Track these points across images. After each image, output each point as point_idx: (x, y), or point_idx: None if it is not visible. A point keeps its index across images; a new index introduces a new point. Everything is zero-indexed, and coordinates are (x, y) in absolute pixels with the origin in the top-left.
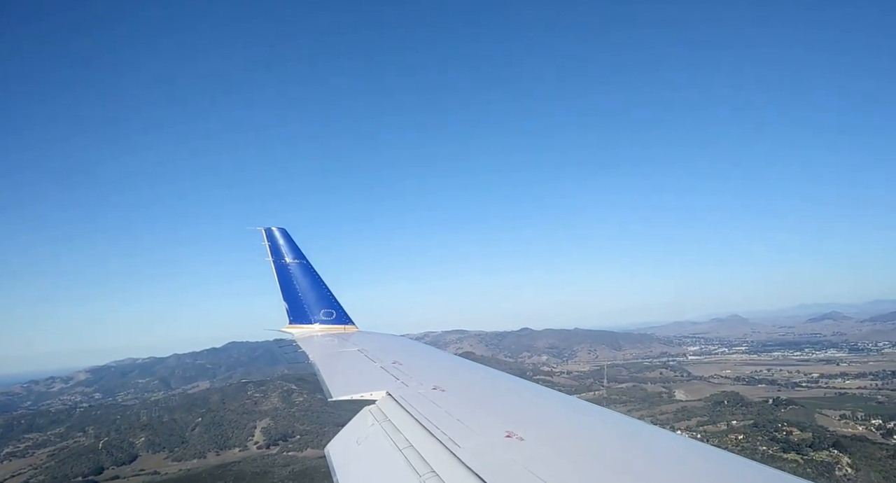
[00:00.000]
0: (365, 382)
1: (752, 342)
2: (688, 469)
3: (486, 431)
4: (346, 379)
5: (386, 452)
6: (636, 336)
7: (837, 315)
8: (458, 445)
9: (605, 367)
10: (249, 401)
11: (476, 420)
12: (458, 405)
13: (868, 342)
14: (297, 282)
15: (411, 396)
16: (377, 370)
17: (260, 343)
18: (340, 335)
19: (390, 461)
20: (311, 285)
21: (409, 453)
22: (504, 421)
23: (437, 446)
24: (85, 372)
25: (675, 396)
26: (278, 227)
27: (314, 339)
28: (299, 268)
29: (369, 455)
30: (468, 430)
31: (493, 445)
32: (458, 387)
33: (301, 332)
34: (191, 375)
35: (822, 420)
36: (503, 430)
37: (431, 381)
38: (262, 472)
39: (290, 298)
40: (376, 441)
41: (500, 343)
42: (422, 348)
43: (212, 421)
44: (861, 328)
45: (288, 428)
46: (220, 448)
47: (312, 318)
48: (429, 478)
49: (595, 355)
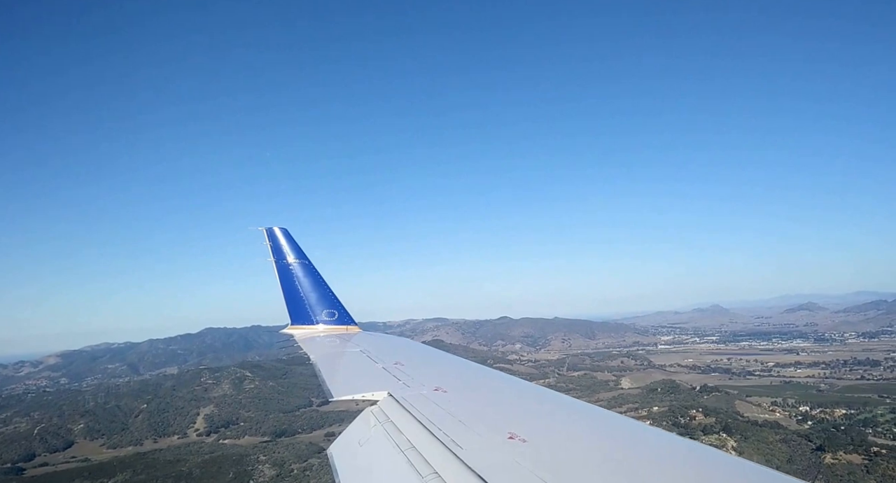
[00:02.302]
0: (366, 383)
1: (725, 332)
2: (688, 471)
3: (489, 432)
4: (348, 379)
5: (388, 453)
6: (612, 325)
7: (813, 306)
8: (460, 446)
9: (567, 356)
10: (200, 387)
11: (478, 421)
12: (461, 406)
13: (835, 333)
14: (298, 282)
15: (413, 397)
16: (379, 371)
17: (235, 329)
18: (342, 336)
19: (392, 462)
20: (313, 286)
21: (411, 454)
22: (506, 422)
23: (439, 447)
24: (56, 356)
25: (621, 385)
26: (280, 227)
27: (316, 339)
28: (301, 268)
29: (371, 456)
30: (470, 432)
31: (495, 447)
32: (461, 388)
33: (303, 332)
34: (160, 361)
35: (741, 407)
36: (506, 431)
37: (433, 382)
38: (176, 461)
39: (292, 299)
40: (378, 442)
41: (478, 331)
42: (424, 349)
43: (157, 408)
44: (834, 319)
45: (232, 415)
46: (158, 435)
47: (314, 318)
48: (431, 479)
49: (568, 344)
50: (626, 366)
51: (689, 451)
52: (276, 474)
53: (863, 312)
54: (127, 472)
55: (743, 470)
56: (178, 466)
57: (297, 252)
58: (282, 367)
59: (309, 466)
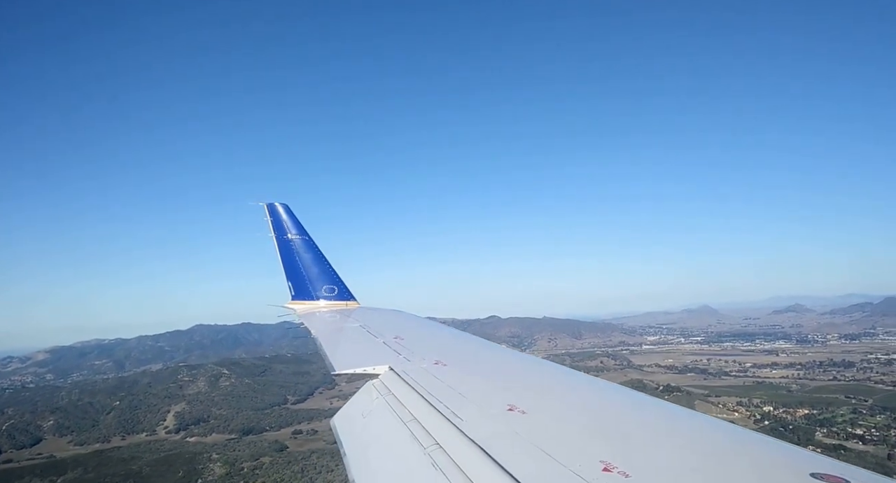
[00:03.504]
0: (368, 357)
1: (711, 333)
2: (687, 439)
3: (489, 405)
4: (349, 354)
5: (390, 425)
6: (600, 325)
7: (800, 308)
8: (460, 418)
9: (549, 356)
10: (175, 385)
11: (478, 394)
12: (460, 379)
13: (818, 334)
14: (299, 257)
15: (414, 371)
16: (379, 345)
17: (225, 326)
18: (343, 311)
19: (395, 434)
20: (314, 261)
21: (413, 426)
22: (506, 394)
23: (440, 419)
24: (44, 352)
25: None
26: (281, 203)
27: (317, 314)
28: (302, 243)
29: (374, 428)
30: (470, 404)
31: (495, 418)
32: (460, 361)
33: (304, 307)
34: (147, 358)
35: (702, 406)
36: (505, 403)
37: (433, 355)
38: (130, 459)
39: (293, 274)
40: (381, 414)
41: (465, 331)
42: (424, 323)
43: (129, 405)
44: (820, 320)
45: (204, 412)
46: (127, 432)
47: (315, 294)
48: (433, 450)
49: (555, 344)
50: (605, 365)
51: (688, 420)
52: (225, 473)
53: (849, 314)
54: (78, 469)
55: (740, 438)
56: (130, 465)
57: (298, 228)
58: (262, 364)
59: (259, 465)
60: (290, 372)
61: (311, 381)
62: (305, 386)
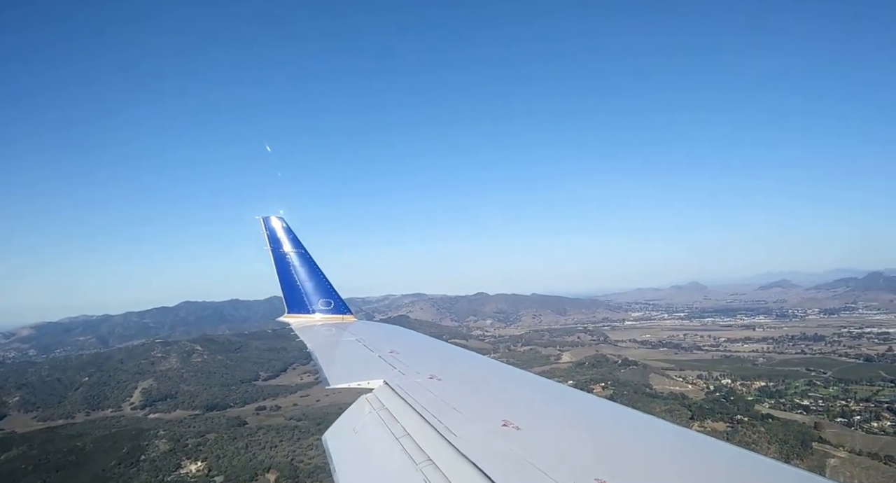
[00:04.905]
0: (362, 371)
1: (695, 309)
2: (681, 459)
3: (483, 420)
4: (344, 367)
5: (383, 441)
6: (586, 302)
7: (787, 283)
8: (454, 434)
9: (529, 332)
10: (147, 361)
11: (472, 409)
12: (455, 394)
13: (799, 309)
14: (295, 271)
15: (408, 385)
16: (374, 359)
17: (212, 303)
18: (338, 325)
19: (387, 449)
20: (310, 275)
21: (405, 442)
22: (500, 410)
23: (433, 435)
24: (29, 328)
25: (562, 359)
26: (277, 216)
27: (313, 328)
28: (298, 257)
29: (366, 443)
30: (464, 419)
31: (489, 434)
32: (455, 376)
33: (299, 321)
34: (130, 334)
35: (655, 380)
36: (499, 419)
37: (428, 370)
38: (77, 435)
39: (289, 288)
40: (373, 429)
41: (452, 307)
42: (419, 338)
43: (98, 381)
44: (804, 296)
45: (172, 389)
46: (92, 409)
47: (311, 307)
48: (425, 466)
49: (539, 320)
50: (582, 341)
51: (682, 440)
52: (169, 449)
53: (833, 289)
54: (24, 446)
55: (736, 458)
56: (76, 441)
57: (294, 241)
58: (239, 341)
59: (205, 442)
60: (266, 348)
61: (285, 358)
62: (279, 362)
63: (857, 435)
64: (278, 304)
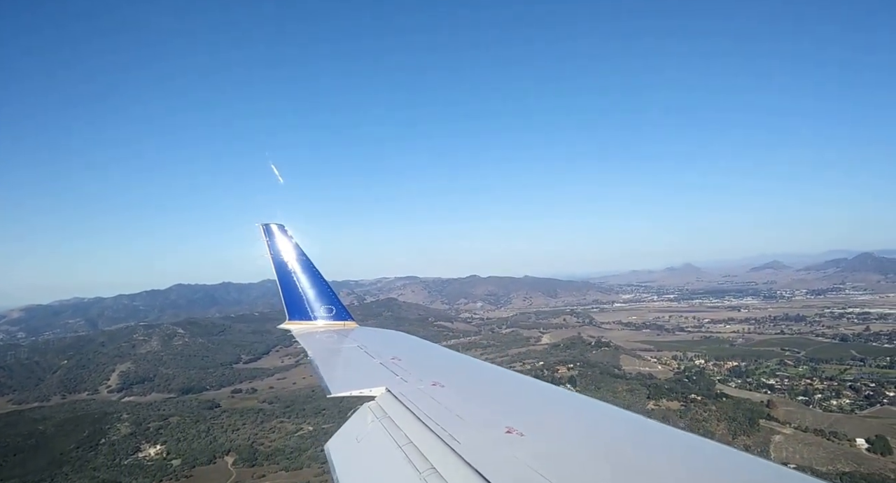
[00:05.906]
0: (364, 379)
1: (686, 291)
2: (686, 464)
3: (486, 427)
4: (346, 375)
5: (386, 449)
6: (577, 284)
7: (778, 264)
8: (457, 441)
9: (517, 314)
10: (128, 344)
11: (476, 416)
12: (458, 401)
13: (787, 290)
14: (296, 278)
15: (410, 392)
16: (376, 366)
17: (203, 286)
18: (340, 331)
19: (390, 458)
20: (311, 282)
21: (408, 450)
22: (504, 416)
23: (436, 443)
24: (19, 310)
25: (542, 341)
26: (277, 224)
27: (314, 335)
28: (298, 264)
29: (369, 452)
30: (468, 426)
31: (492, 441)
32: (458, 382)
33: (300, 328)
34: (120, 317)
35: (626, 361)
36: (503, 425)
37: (430, 376)
38: (41, 419)
39: (289, 295)
40: (376, 438)
41: (444, 290)
42: (421, 344)
43: (77, 363)
44: (794, 277)
45: (150, 372)
46: (69, 391)
47: (312, 314)
48: (429, 474)
49: (529, 302)
50: (567, 323)
51: (688, 445)
52: (129, 433)
53: (822, 270)
54: None
55: (742, 463)
56: (38, 425)
57: (295, 248)
58: (223, 324)
59: (166, 425)
60: (250, 331)
61: (268, 340)
62: (262, 345)
63: (813, 412)
64: (272, 287)
